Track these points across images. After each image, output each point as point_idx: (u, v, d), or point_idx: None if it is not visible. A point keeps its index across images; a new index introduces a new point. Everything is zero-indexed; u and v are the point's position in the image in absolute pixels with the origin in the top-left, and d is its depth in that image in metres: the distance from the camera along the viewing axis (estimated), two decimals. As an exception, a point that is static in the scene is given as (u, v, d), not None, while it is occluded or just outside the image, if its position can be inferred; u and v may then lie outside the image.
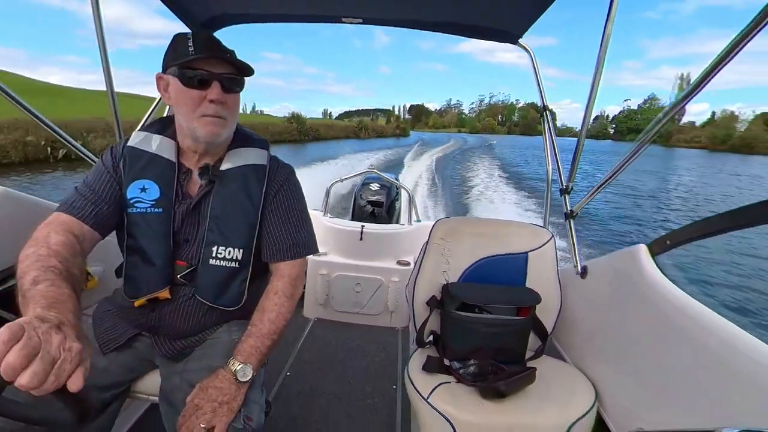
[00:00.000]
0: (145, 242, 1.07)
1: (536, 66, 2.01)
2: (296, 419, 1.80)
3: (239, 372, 0.95)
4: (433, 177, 18.27)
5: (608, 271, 1.42)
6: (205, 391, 0.92)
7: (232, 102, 1.06)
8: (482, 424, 1.16)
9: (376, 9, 1.93)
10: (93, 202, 1.02)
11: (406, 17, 1.98)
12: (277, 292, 1.09)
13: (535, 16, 1.77)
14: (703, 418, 0.92)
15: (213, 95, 0.99)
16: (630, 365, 1.22)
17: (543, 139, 2.03)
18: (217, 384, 0.94)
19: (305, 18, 2.08)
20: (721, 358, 0.92)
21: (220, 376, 0.95)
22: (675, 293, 1.11)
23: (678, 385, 1.03)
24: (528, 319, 1.42)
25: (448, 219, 1.59)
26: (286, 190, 1.17)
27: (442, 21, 1.97)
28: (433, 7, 1.83)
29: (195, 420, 0.87)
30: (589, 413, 1.20)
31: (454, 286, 1.43)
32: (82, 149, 1.67)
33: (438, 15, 1.92)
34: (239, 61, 1.03)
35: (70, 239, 0.92)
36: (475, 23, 1.94)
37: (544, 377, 1.29)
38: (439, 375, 1.31)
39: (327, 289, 2.70)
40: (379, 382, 2.14)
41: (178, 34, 1.03)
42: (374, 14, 1.97)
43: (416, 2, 1.81)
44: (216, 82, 0.99)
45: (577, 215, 1.71)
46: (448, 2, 1.76)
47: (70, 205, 1.00)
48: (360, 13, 1.94)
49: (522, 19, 1.83)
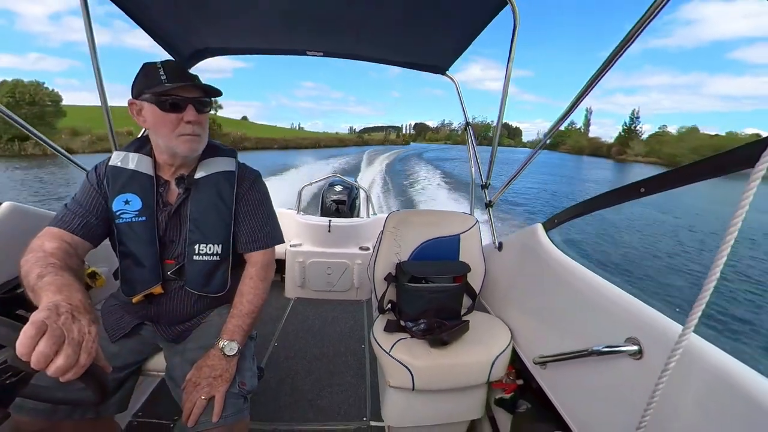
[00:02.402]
0: (134, 247, 1.04)
1: (459, 93, 2.08)
2: (285, 379, 1.80)
3: (226, 348, 0.94)
4: (384, 177, 18.69)
5: (516, 244, 1.50)
6: (200, 370, 0.92)
7: (204, 120, 1.03)
8: (432, 366, 1.20)
9: (333, 45, 1.92)
10: (81, 216, 0.98)
11: (357, 52, 1.98)
12: (252, 277, 1.07)
13: (458, 53, 1.83)
14: (581, 342, 0.98)
15: (189, 117, 0.96)
16: (534, 311, 1.30)
17: (467, 148, 2.06)
18: (209, 362, 0.93)
19: (276, 51, 2.02)
20: (589, 300, 1.02)
21: (211, 355, 0.94)
22: (561, 257, 1.21)
23: (563, 322, 1.13)
24: (461, 284, 1.45)
25: (398, 212, 1.58)
26: (254, 191, 1.14)
27: (386, 56, 1.99)
28: (379, 45, 1.85)
29: (195, 394, 0.87)
30: (507, 349, 1.28)
31: (405, 264, 1.44)
32: (69, 156, 1.55)
33: (383, 51, 1.93)
34: (206, 85, 1.00)
35: (63, 245, 0.89)
36: (411, 58, 1.98)
37: (475, 327, 1.35)
38: (397, 333, 1.33)
39: (303, 273, 2.68)
40: (350, 343, 2.16)
41: (146, 63, 0.98)
42: (332, 49, 1.95)
43: (364, 40, 1.81)
44: (190, 105, 0.97)
45: (494, 204, 1.77)
46: (390, 41, 1.78)
47: (60, 220, 0.96)
48: (320, 48, 1.92)
49: (447, 56, 1.89)
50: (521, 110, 52.56)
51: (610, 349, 0.87)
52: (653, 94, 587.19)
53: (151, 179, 1.07)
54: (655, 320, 0.82)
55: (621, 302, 0.93)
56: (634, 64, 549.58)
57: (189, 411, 0.86)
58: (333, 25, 1.66)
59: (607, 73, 1.09)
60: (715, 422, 0.65)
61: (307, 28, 1.71)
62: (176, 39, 1.77)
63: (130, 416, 1.52)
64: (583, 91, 1.17)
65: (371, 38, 1.78)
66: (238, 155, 1.19)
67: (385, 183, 16.86)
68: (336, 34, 1.76)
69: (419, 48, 1.84)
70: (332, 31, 1.72)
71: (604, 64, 1.07)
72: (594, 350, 0.90)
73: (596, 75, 1.10)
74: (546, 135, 1.43)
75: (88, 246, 1.00)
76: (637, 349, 0.83)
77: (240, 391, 0.96)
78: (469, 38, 1.68)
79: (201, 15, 1.59)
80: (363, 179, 16.50)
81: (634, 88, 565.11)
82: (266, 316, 2.40)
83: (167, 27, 1.67)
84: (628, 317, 0.88)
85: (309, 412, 1.63)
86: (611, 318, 0.93)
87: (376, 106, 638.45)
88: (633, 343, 0.84)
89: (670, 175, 0.85)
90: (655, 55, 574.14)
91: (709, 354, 0.69)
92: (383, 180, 17.66)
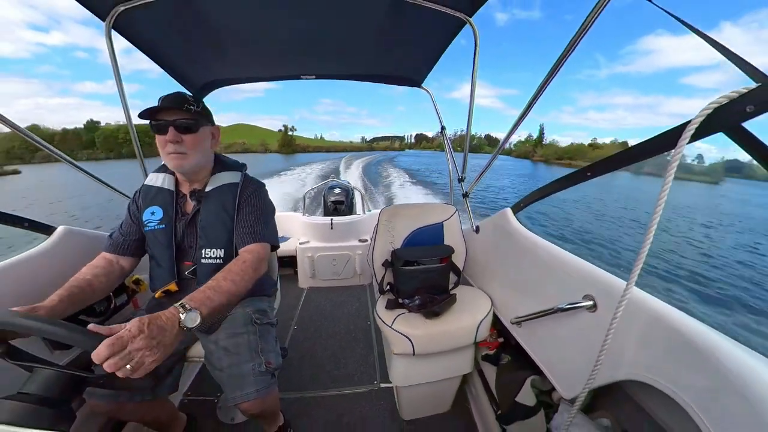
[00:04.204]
0: (156, 251, 1.07)
1: (434, 102, 2.08)
2: (305, 356, 1.84)
3: (187, 319, 0.68)
4: (362, 177, 19.42)
5: (491, 226, 1.51)
6: (144, 324, 0.62)
7: (190, 140, 0.98)
8: (428, 334, 1.22)
9: (322, 68, 1.91)
10: (127, 238, 1.07)
11: (344, 72, 1.97)
12: (245, 261, 0.94)
13: (430, 67, 1.84)
14: (548, 302, 1.00)
15: (169, 137, 0.96)
16: (509, 281, 1.32)
17: (444, 148, 2.06)
18: (159, 323, 0.65)
19: (274, 78, 2.00)
20: (552, 267, 1.05)
21: (164, 317, 0.66)
22: (528, 234, 1.24)
23: (533, 287, 1.15)
24: (447, 264, 1.46)
25: (389, 207, 1.57)
26: (254, 198, 1.10)
27: (369, 73, 1.99)
28: (361, 64, 1.85)
29: (125, 352, 0.58)
30: (489, 314, 1.30)
31: (399, 251, 1.45)
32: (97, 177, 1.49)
33: (365, 69, 1.93)
34: (189, 108, 0.96)
35: (108, 265, 1.01)
36: (389, 74, 1.98)
37: (461, 298, 1.37)
38: (396, 310, 1.34)
39: (313, 266, 2.69)
40: (358, 321, 2.19)
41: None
42: (322, 71, 1.95)
43: (349, 62, 1.81)
44: (171, 128, 0.96)
45: (469, 194, 1.79)
46: (370, 60, 1.78)
47: (110, 246, 1.05)
48: (312, 72, 1.92)
49: (420, 70, 1.91)
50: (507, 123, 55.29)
51: (571, 306, 0.90)
52: (619, 112, 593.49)
53: (171, 193, 1.09)
54: (605, 279, 0.86)
55: (577, 266, 0.96)
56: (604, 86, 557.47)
57: (108, 355, 0.56)
58: (321, 51, 1.66)
59: (581, 93, 1.12)
60: (653, 355, 0.70)
61: (299, 56, 1.71)
62: (189, 73, 1.78)
63: (181, 395, 1.56)
64: (529, 104, 1.20)
65: (354, 59, 1.78)
66: (247, 167, 1.20)
67: (364, 183, 17.39)
68: (324, 58, 1.76)
69: (396, 65, 1.85)
70: (321, 55, 1.72)
71: (545, 79, 1.10)
72: (558, 308, 0.93)
73: (540, 87, 1.13)
74: (503, 141, 1.47)
75: (135, 261, 1.07)
76: (591, 303, 0.86)
77: (267, 369, 0.99)
78: (438, 53, 1.69)
79: (208, 52, 1.60)
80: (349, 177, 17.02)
81: (603, 106, 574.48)
82: (284, 305, 2.41)
83: (180, 64, 1.68)
84: (583, 278, 0.92)
85: (328, 381, 1.66)
86: (570, 280, 0.96)
87: (385, 119, 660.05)
88: (588, 299, 0.87)
89: (610, 160, 0.87)
90: (621, 79, 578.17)
91: (648, 302, 0.73)
92: (362, 181, 18.29)
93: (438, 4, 1.25)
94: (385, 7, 1.27)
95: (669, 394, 0.64)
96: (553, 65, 1.04)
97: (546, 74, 1.07)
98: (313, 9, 1.27)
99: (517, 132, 1.37)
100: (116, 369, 0.57)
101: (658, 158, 0.75)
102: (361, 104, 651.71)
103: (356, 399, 1.56)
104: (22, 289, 1.01)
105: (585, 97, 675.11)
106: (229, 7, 1.24)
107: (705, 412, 0.58)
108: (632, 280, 0.65)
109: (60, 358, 1.04)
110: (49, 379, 0.59)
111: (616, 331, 0.68)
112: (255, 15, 1.31)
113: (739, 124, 0.56)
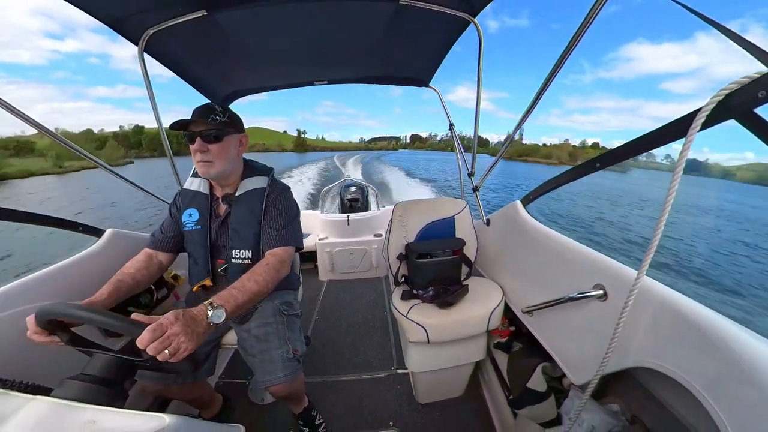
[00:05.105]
0: (193, 249, 1.10)
1: (443, 101, 2.05)
2: (327, 344, 1.86)
3: (213, 315, 0.70)
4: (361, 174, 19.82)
5: (501, 219, 1.47)
6: (180, 314, 0.66)
7: (216, 149, 0.99)
8: (442, 323, 1.21)
9: (334, 74, 1.91)
10: (165, 236, 1.10)
11: (354, 76, 1.97)
12: (269, 263, 0.94)
13: (436, 67, 1.81)
14: (558, 292, 0.97)
15: (195, 147, 0.98)
16: (519, 271, 1.28)
17: (455, 145, 2.02)
18: (192, 314, 0.68)
19: (289, 85, 2.01)
20: (562, 257, 1.02)
21: (195, 311, 0.69)
22: (538, 225, 1.20)
23: (543, 277, 1.12)
24: (459, 256, 1.43)
25: (402, 202, 1.53)
26: (279, 201, 1.10)
27: (378, 76, 1.97)
28: (371, 67, 1.84)
29: (164, 336, 0.61)
30: (500, 303, 1.27)
31: (412, 244, 1.42)
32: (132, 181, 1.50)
33: (376, 72, 1.92)
34: (216, 118, 0.98)
35: (150, 260, 1.06)
36: (398, 75, 1.96)
37: (473, 289, 1.34)
38: (411, 300, 1.33)
39: (332, 260, 2.71)
40: (375, 311, 2.19)
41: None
42: (334, 77, 1.95)
43: (359, 66, 1.81)
44: (198, 138, 0.97)
45: (479, 188, 1.75)
46: (380, 63, 1.77)
47: (151, 243, 1.09)
48: (324, 77, 1.93)
49: (427, 70, 1.87)
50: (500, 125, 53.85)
51: (581, 295, 0.87)
52: (603, 115, 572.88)
53: (206, 197, 1.12)
54: (616, 268, 0.82)
55: (588, 256, 0.92)
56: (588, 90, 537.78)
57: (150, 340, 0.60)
58: (332, 57, 1.66)
59: (568, 97, 1.11)
60: (663, 342, 0.67)
61: (312, 63, 1.72)
62: (212, 86, 1.82)
63: (217, 378, 1.62)
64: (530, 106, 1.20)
65: (364, 63, 1.77)
66: (274, 171, 1.21)
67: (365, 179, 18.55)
68: (336, 64, 1.76)
69: (403, 66, 1.83)
70: (332, 62, 1.72)
71: (544, 83, 1.10)
72: (569, 297, 0.90)
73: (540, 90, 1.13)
74: (506, 142, 1.49)
75: (172, 257, 1.11)
76: (602, 293, 0.83)
77: (294, 356, 1.02)
78: (443, 54, 1.67)
79: (229, 66, 1.64)
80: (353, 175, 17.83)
81: (588, 110, 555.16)
82: (307, 297, 2.45)
83: (204, 78, 1.72)
84: (594, 268, 0.88)
85: (349, 366, 1.68)
86: (581, 270, 0.93)
87: (382, 120, 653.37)
88: (599, 288, 0.84)
89: (619, 151, 0.83)
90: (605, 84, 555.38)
91: (657, 290, 0.70)
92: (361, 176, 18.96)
93: (442, 5, 1.23)
94: (390, 12, 1.26)
95: (680, 382, 0.61)
96: (550, 72, 1.04)
97: (543, 80, 1.08)
98: (323, 19, 1.29)
99: (498, 134, 1.39)
100: (157, 353, 0.60)
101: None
102: (360, 106, 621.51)
103: (374, 383, 1.57)
104: (77, 286, 1.06)
105: (571, 101, 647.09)
106: (247, 24, 1.26)
107: (716, 400, 0.54)
108: (643, 269, 0.62)
109: (112, 343, 1.10)
110: (106, 362, 0.64)
111: (626, 319, 0.65)
112: (270, 29, 1.33)
113: (751, 110, 0.52)
